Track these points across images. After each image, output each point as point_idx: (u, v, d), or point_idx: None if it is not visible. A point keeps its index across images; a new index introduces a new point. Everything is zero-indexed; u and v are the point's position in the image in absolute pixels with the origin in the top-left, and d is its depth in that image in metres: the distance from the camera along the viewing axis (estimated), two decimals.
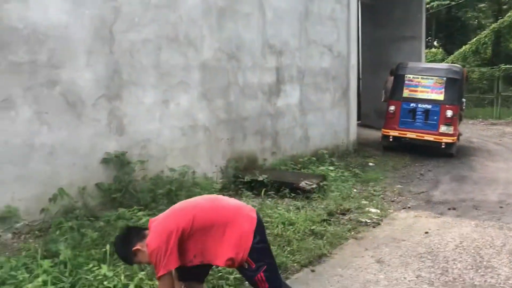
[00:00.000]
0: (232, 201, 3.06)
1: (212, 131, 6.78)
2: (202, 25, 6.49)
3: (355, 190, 7.32)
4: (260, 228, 2.89)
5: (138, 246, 2.81)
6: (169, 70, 6.07)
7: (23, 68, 4.60)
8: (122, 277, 3.62)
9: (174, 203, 5.30)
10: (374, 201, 6.74)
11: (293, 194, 6.39)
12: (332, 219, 5.75)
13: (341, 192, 6.88)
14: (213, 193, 5.95)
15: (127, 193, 5.38)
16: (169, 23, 6.02)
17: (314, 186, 6.58)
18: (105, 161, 5.35)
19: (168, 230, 2.75)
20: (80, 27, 5.06)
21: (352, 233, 5.43)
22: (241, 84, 7.27)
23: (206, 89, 6.63)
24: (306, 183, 6.54)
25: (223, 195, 6.39)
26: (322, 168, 7.90)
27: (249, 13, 7.35)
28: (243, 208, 2.96)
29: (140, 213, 4.83)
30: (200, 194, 5.58)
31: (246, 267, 2.81)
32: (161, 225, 2.82)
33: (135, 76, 5.65)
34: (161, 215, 2.97)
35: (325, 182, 6.88)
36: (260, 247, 2.83)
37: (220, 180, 6.77)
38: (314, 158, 8.45)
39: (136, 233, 2.93)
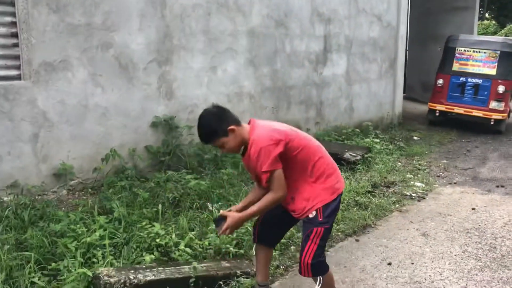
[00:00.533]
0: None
1: (257, 98, 6.79)
2: None
3: (399, 163, 7.22)
4: (341, 195, 2.90)
5: (234, 127, 2.71)
6: (217, 36, 6.07)
7: (79, 30, 4.72)
8: (173, 236, 3.76)
9: (220, 168, 5.46)
10: (419, 175, 6.65)
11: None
12: (376, 191, 5.72)
13: (386, 164, 6.81)
14: None
15: (174, 157, 5.51)
16: None
17: (359, 157, 6.53)
18: (154, 124, 5.47)
19: (278, 137, 2.68)
20: None
21: (397, 205, 5.40)
22: (288, 51, 7.20)
23: (253, 56, 6.62)
24: (351, 154, 6.50)
25: None
26: (366, 140, 7.81)
27: None
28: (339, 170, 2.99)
29: (188, 176, 4.94)
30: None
31: (312, 216, 2.78)
32: (274, 130, 2.74)
33: (184, 41, 5.69)
34: (267, 121, 2.90)
35: (369, 154, 6.82)
36: (334, 208, 2.82)
37: None
38: (358, 130, 8.36)
39: (232, 115, 2.77)
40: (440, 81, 10.30)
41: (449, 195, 5.92)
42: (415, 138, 9.26)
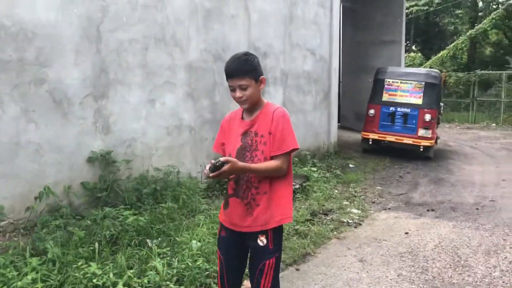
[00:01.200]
0: None
1: (197, 131, 6.82)
2: (189, 25, 6.54)
3: (336, 191, 7.46)
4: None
5: (264, 78, 2.76)
6: (155, 70, 6.09)
7: (10, 65, 4.58)
8: (111, 275, 3.65)
9: (160, 202, 5.40)
10: (355, 202, 6.89)
11: None
12: (315, 219, 5.86)
13: (323, 192, 7.01)
14: (197, 192, 6.01)
15: (112, 192, 5.40)
16: (156, 23, 6.05)
17: (297, 186, 6.69)
18: (91, 160, 5.35)
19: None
20: (68, 25, 5.05)
21: (335, 233, 5.56)
22: (227, 85, 7.29)
23: (192, 89, 6.68)
24: None
25: (208, 195, 6.48)
26: (304, 169, 8.02)
27: (235, 15, 7.42)
28: None
29: (126, 212, 4.84)
30: (185, 194, 5.64)
31: (263, 244, 2.69)
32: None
33: (121, 75, 5.66)
34: None
35: (308, 183, 7.00)
36: (281, 234, 2.79)
37: (205, 180, 6.81)
38: (296, 159, 8.56)
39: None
40: (372, 111, 10.84)
41: (383, 220, 6.17)
42: (350, 165, 9.61)
